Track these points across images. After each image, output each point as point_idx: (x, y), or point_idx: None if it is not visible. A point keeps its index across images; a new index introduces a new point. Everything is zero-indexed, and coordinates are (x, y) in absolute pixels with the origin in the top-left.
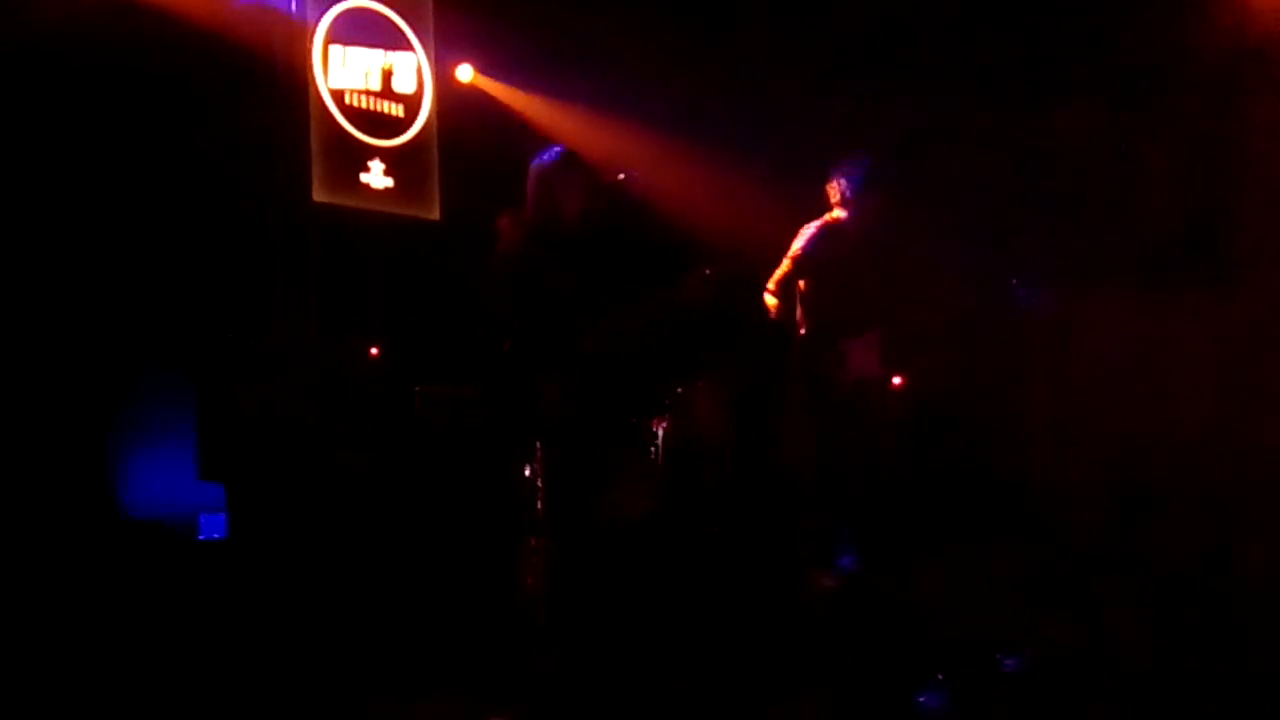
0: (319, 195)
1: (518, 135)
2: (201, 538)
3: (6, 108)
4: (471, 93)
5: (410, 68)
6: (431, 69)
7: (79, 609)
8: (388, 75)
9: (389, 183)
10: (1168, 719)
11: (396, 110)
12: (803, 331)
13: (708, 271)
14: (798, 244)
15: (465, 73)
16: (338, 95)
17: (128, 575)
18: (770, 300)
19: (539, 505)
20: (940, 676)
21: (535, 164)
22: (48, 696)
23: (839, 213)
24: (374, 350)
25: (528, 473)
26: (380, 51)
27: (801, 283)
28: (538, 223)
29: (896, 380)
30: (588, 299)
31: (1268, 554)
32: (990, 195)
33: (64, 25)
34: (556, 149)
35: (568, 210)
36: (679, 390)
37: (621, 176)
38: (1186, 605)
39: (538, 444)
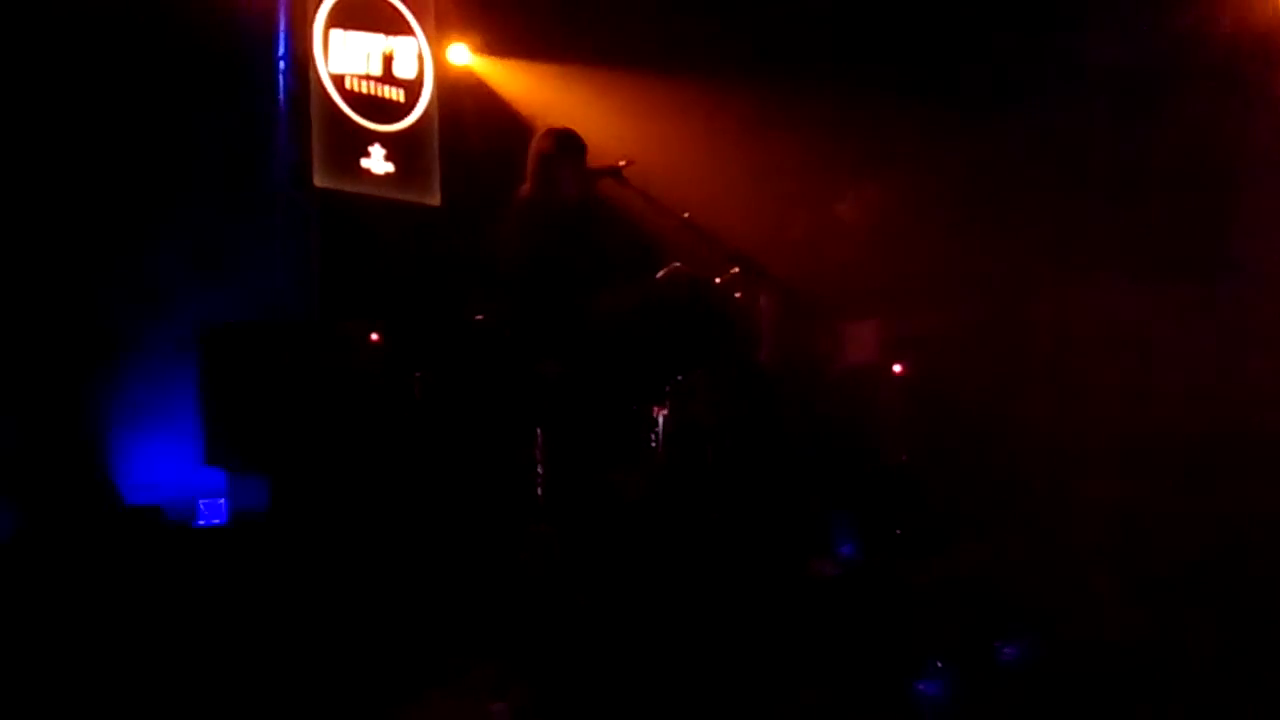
0: (320, 180)
1: (519, 119)
2: (200, 524)
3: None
4: (473, 78)
5: (411, 52)
6: (432, 53)
7: (76, 595)
8: (388, 60)
9: (390, 168)
10: (1167, 709)
11: (397, 95)
12: (796, 318)
13: (680, 267)
14: (792, 235)
15: (462, 54)
16: (338, 80)
17: (124, 561)
18: (764, 295)
19: (540, 491)
20: (939, 664)
21: (534, 145)
22: (46, 684)
23: (837, 204)
24: (375, 336)
25: (529, 459)
26: (381, 36)
27: (797, 272)
28: (536, 205)
29: (897, 368)
30: (582, 283)
31: (1268, 547)
32: (993, 190)
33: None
34: (557, 131)
35: (566, 193)
36: (679, 377)
37: (623, 163)
38: (1187, 598)
39: (539, 430)
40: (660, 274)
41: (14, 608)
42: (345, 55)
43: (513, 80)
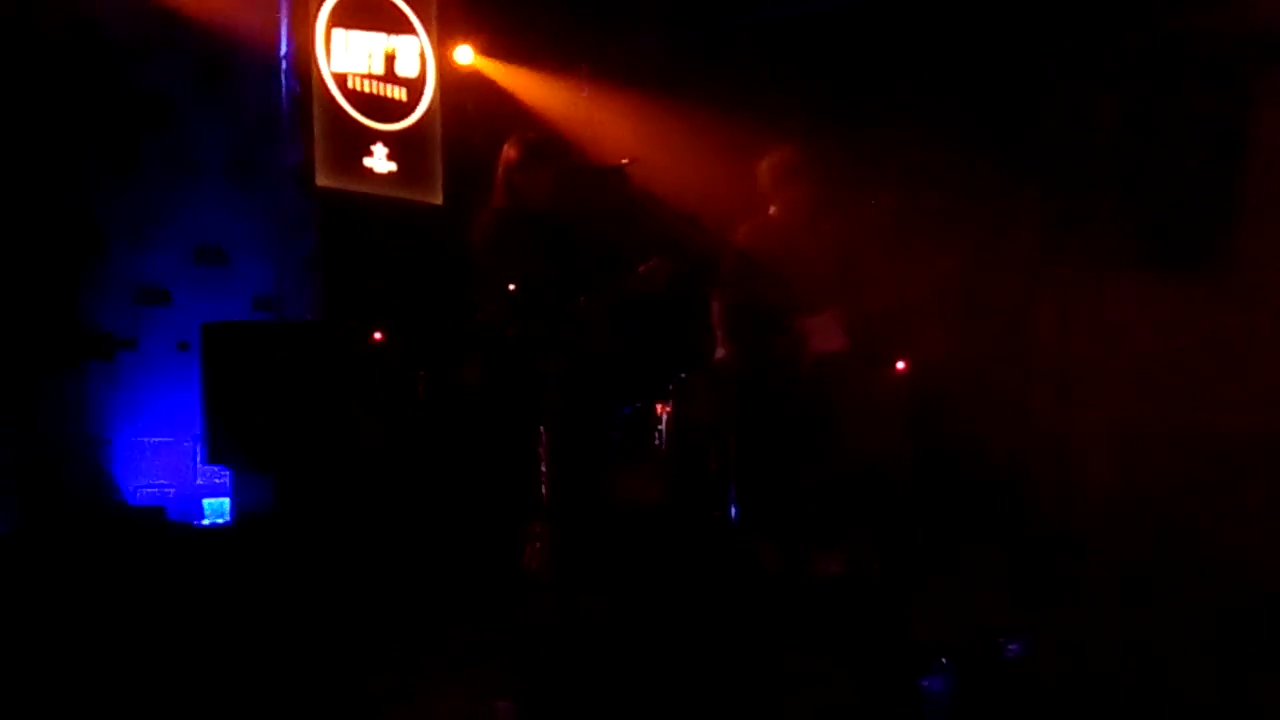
0: (322, 179)
1: (523, 117)
2: (204, 523)
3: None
4: (476, 76)
5: (413, 51)
6: (434, 52)
7: (79, 595)
8: (390, 59)
9: (392, 167)
10: (1167, 707)
11: (399, 94)
12: (752, 321)
13: (659, 262)
14: (734, 243)
15: (465, 55)
16: (340, 79)
17: (128, 561)
18: (714, 304)
19: (543, 490)
20: (944, 661)
21: (502, 154)
22: (48, 684)
23: (769, 206)
24: (378, 335)
25: (531, 457)
26: (383, 35)
27: (745, 277)
28: (501, 215)
29: (900, 365)
30: (553, 287)
31: (1267, 542)
32: (989, 183)
33: None
34: (523, 138)
35: (533, 201)
36: (682, 375)
37: (625, 162)
38: (1190, 595)
39: (541, 429)
40: (641, 268)
41: (15, 607)
42: (347, 54)
43: (516, 80)
